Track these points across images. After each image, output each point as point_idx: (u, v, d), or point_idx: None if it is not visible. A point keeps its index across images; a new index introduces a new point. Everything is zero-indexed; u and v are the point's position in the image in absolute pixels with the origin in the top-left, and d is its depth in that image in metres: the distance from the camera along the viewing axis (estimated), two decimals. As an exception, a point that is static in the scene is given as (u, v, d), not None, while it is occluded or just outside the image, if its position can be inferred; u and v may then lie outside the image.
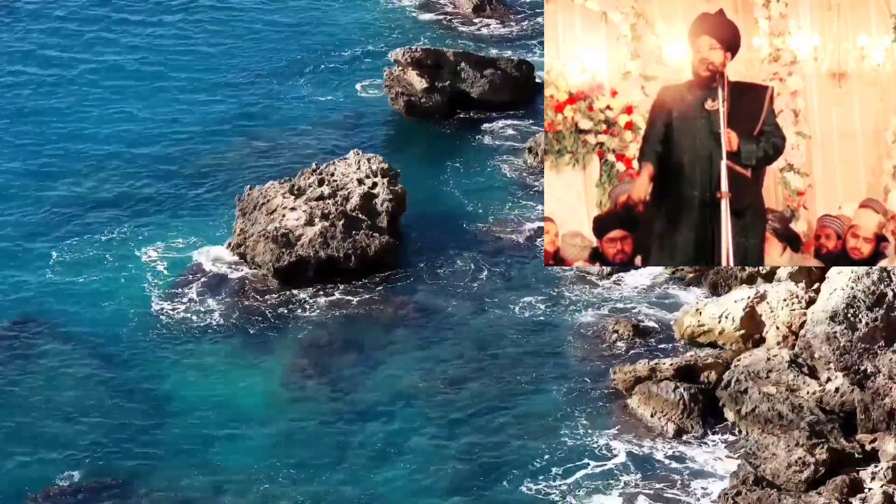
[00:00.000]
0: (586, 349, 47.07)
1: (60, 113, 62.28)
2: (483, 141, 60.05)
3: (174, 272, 50.97)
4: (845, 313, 43.39)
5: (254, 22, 71.28)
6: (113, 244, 52.62)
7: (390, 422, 43.95)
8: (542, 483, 41.43)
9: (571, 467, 41.98)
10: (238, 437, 43.35)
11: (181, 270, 51.09)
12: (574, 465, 42.08)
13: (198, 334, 47.85)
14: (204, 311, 48.89)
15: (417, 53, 61.72)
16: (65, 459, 42.24)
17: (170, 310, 48.98)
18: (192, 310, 48.98)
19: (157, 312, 48.87)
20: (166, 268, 51.19)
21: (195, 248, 52.32)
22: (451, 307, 49.22)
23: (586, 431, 43.40)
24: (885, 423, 41.84)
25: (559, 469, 41.92)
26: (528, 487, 41.30)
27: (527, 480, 41.54)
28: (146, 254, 52.02)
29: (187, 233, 53.27)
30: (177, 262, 51.55)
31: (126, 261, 51.65)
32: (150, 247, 52.40)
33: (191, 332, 47.95)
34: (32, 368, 46.00)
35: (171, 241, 52.78)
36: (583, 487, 41.24)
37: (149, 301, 49.46)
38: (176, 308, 49.08)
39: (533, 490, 41.19)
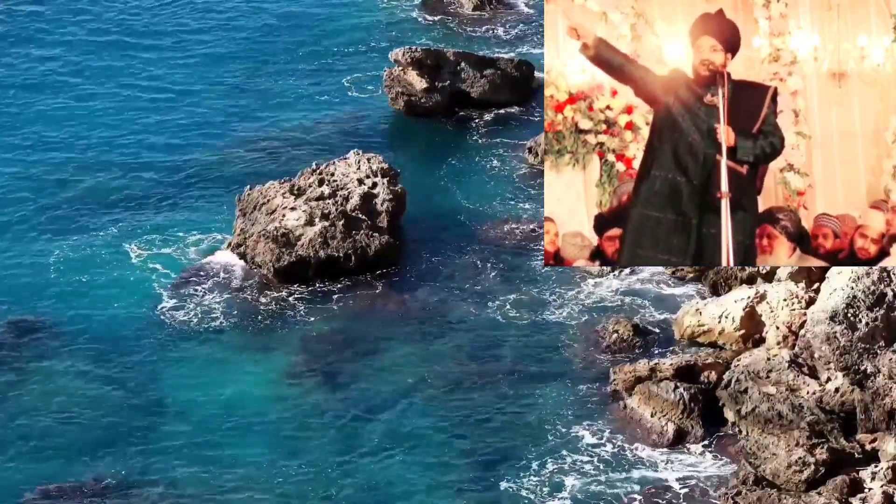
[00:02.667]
0: (586, 349, 47.08)
1: (60, 113, 62.23)
2: (483, 141, 60.04)
3: (174, 272, 50.97)
4: (845, 313, 43.38)
5: (253, 22, 71.23)
6: (113, 244, 52.61)
7: (390, 421, 43.96)
8: (542, 482, 41.44)
9: (571, 467, 42.00)
10: (238, 436, 43.35)
11: (181, 270, 51.10)
12: (574, 464, 42.09)
13: (198, 334, 47.86)
14: (204, 311, 48.89)
15: (417, 53, 61.71)
16: (65, 459, 42.25)
17: (170, 310, 48.98)
18: (193, 310, 48.99)
19: (158, 312, 48.89)
20: (166, 268, 51.20)
21: (195, 248, 52.33)
22: (451, 307, 49.23)
23: (586, 431, 43.41)
24: (885, 423, 41.85)
25: (559, 468, 41.92)
26: (527, 486, 41.30)
27: (526, 479, 41.55)
28: (146, 254, 52.02)
29: (187, 233, 53.26)
30: (177, 262, 51.56)
31: (126, 261, 51.65)
32: (150, 247, 52.40)
33: (191, 331, 47.96)
34: (32, 368, 46.01)
35: (171, 241, 52.78)
36: (583, 487, 41.25)
37: (149, 301, 49.47)
38: (176, 308, 49.08)
39: (533, 489, 41.20)
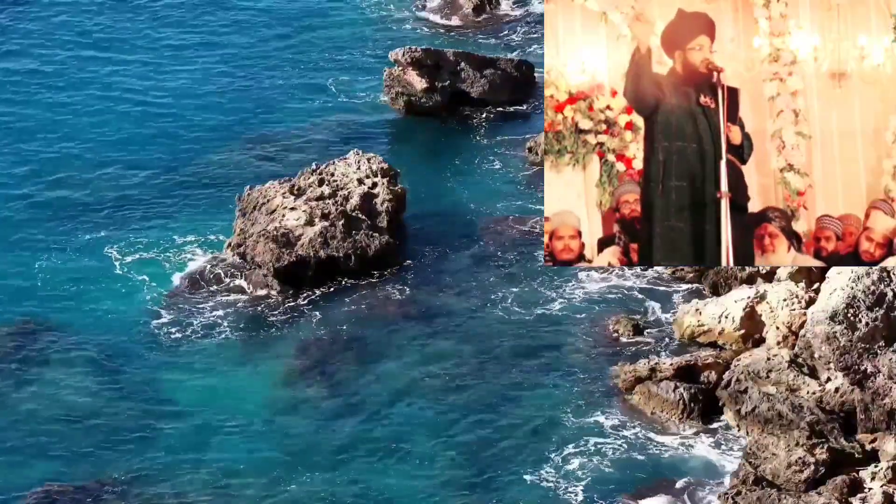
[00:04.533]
0: (586, 348, 47.08)
1: (59, 114, 62.19)
2: (483, 141, 60.04)
3: (174, 272, 50.96)
4: (845, 313, 43.38)
5: (253, 22, 71.21)
6: (113, 244, 52.58)
7: (391, 420, 43.98)
8: (542, 481, 41.45)
9: (571, 466, 42.00)
10: (238, 436, 43.37)
11: (181, 271, 51.09)
12: (574, 464, 42.09)
13: (198, 334, 47.86)
14: (204, 312, 48.89)
15: (417, 53, 61.70)
16: (65, 460, 42.27)
17: (170, 310, 48.99)
18: (192, 310, 48.99)
19: (157, 313, 48.89)
20: (166, 268, 51.19)
21: (195, 248, 52.32)
22: (451, 306, 49.22)
23: (586, 431, 43.41)
24: (885, 423, 41.86)
25: (559, 468, 41.93)
26: (527, 486, 41.32)
27: (526, 478, 41.56)
28: (146, 254, 52.01)
29: (187, 233, 53.25)
30: (177, 263, 51.54)
31: (126, 261, 51.62)
32: (150, 247, 52.38)
33: (191, 332, 47.96)
34: (33, 370, 46.02)
35: (170, 241, 52.76)
36: (582, 487, 41.25)
37: (149, 302, 49.47)
38: (176, 308, 49.09)
39: (532, 488, 41.20)
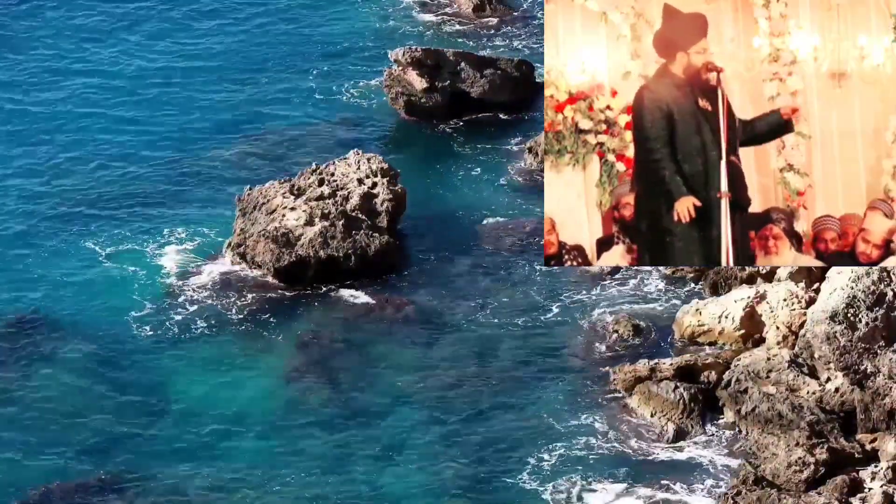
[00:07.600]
0: (586, 349, 47.08)
1: (59, 113, 62.19)
2: (483, 141, 60.01)
3: (174, 272, 50.95)
4: (845, 313, 43.38)
5: (252, 22, 71.16)
6: (112, 244, 52.57)
7: (390, 421, 43.97)
8: (542, 482, 41.46)
9: (571, 467, 42.02)
10: (238, 436, 43.37)
11: (181, 270, 51.08)
12: (574, 464, 42.11)
13: (198, 334, 47.86)
14: (204, 311, 48.88)
15: (417, 53, 61.68)
16: (65, 459, 42.27)
17: (169, 309, 48.99)
18: (192, 310, 48.98)
19: (157, 312, 48.88)
20: (166, 267, 51.19)
21: (195, 248, 52.32)
22: (450, 307, 49.22)
23: (586, 431, 43.42)
24: (885, 423, 41.86)
25: (558, 468, 41.95)
26: (527, 486, 41.33)
27: (526, 479, 41.57)
28: (145, 253, 52.01)
29: (187, 232, 53.24)
30: (177, 262, 51.52)
31: (125, 260, 51.63)
32: (150, 246, 52.38)
33: (190, 332, 47.96)
34: (32, 368, 46.01)
35: (170, 240, 52.75)
36: (582, 487, 41.26)
37: (149, 301, 49.45)
38: (176, 308, 49.09)
39: (532, 489, 41.22)
